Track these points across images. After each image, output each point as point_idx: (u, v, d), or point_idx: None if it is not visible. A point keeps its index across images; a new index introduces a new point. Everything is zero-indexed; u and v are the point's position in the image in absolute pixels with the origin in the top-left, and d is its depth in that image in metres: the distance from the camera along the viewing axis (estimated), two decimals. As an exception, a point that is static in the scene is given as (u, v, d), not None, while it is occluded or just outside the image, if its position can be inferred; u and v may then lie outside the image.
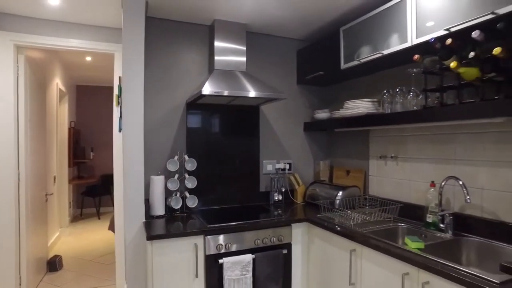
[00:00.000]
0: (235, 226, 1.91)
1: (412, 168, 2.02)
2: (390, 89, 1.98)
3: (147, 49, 2.27)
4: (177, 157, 2.26)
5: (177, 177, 2.24)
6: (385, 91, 2.00)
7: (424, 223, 1.79)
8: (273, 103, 2.67)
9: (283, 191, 2.62)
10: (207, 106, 2.46)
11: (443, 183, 1.69)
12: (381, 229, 1.78)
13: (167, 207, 2.20)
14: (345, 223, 1.88)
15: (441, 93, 1.60)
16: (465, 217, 1.67)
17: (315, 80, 2.62)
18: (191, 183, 2.26)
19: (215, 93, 1.97)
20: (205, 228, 1.85)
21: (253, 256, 1.90)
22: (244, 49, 2.39)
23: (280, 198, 2.60)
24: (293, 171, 2.76)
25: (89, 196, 5.51)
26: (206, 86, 1.98)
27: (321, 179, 2.75)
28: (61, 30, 2.63)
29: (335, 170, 2.74)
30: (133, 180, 1.96)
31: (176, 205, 2.19)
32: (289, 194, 2.69)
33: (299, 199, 2.62)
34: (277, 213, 2.24)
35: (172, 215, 2.17)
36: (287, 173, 2.71)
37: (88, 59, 4.40)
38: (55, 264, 3.29)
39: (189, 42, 2.42)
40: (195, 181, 2.26)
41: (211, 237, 1.84)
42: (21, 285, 2.62)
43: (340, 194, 2.27)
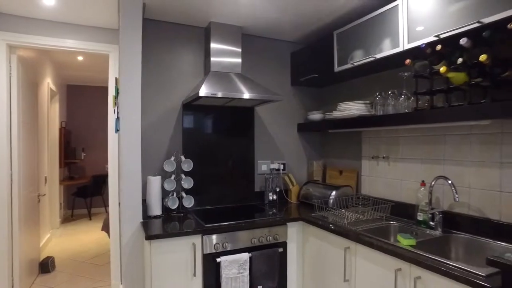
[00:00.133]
0: (232, 225, 1.94)
1: (403, 168, 2.09)
2: (382, 92, 2.05)
3: (143, 50, 2.28)
4: (173, 158, 2.28)
5: (173, 177, 2.26)
6: (378, 94, 2.07)
7: (415, 221, 1.86)
8: (267, 104, 2.71)
9: (277, 191, 2.67)
10: (202, 107, 2.48)
11: (433, 183, 1.76)
12: (374, 227, 1.84)
13: (164, 207, 2.22)
14: (339, 221, 1.94)
15: (431, 96, 1.67)
16: (454, 215, 1.75)
17: (309, 81, 2.67)
18: (187, 183, 2.28)
19: (212, 95, 2.00)
20: (203, 227, 1.88)
21: (250, 254, 1.94)
22: (239, 51, 2.43)
23: (274, 197, 2.65)
24: (287, 171, 2.81)
25: (80, 196, 5.46)
26: (203, 87, 2.01)
27: (315, 179, 2.81)
28: (55, 30, 2.62)
29: (328, 170, 2.80)
30: (130, 180, 1.97)
31: (172, 205, 2.21)
32: (284, 194, 2.74)
33: (293, 198, 2.68)
34: (272, 212, 2.28)
35: (169, 215, 2.18)
36: (281, 173, 2.76)
37: (79, 58, 4.36)
38: (47, 265, 3.25)
39: (185, 44, 2.44)
40: (192, 181, 2.29)
41: (208, 236, 1.87)
42: (13, 287, 2.60)
43: (333, 193, 2.32)
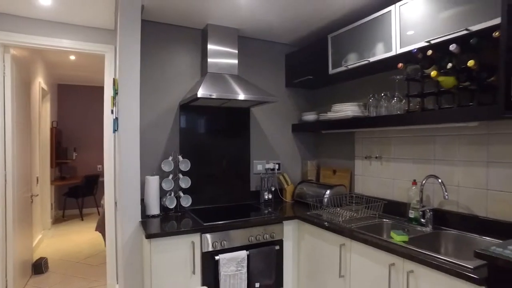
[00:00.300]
0: (230, 224, 1.98)
1: (395, 167, 2.17)
2: (375, 94, 2.12)
3: (141, 52, 2.29)
4: (171, 158, 2.30)
5: (171, 177, 2.29)
6: (371, 96, 2.14)
7: (406, 218, 1.94)
8: (263, 105, 2.76)
9: (272, 190, 2.72)
10: (199, 108, 2.51)
11: (423, 181, 1.84)
12: (367, 224, 1.91)
13: (162, 207, 2.25)
14: (334, 219, 2.00)
15: (422, 98, 1.75)
16: (444, 212, 1.83)
17: (303, 83, 2.73)
18: (185, 183, 2.31)
19: (210, 96, 2.04)
20: (202, 226, 1.91)
21: (248, 252, 1.98)
22: (236, 52, 2.47)
23: (270, 197, 2.70)
24: (282, 171, 2.87)
25: (72, 197, 5.40)
26: (201, 89, 2.05)
27: (309, 178, 2.87)
28: (51, 30, 2.61)
29: (322, 169, 2.86)
30: (129, 180, 1.99)
31: (170, 204, 2.24)
32: (279, 193, 2.79)
33: (288, 197, 2.73)
34: (267, 211, 2.33)
35: (167, 214, 2.21)
36: (276, 173, 2.81)
37: (72, 58, 4.33)
38: (41, 266, 3.23)
39: (182, 45, 2.47)
40: (189, 181, 2.32)
41: (207, 235, 1.91)
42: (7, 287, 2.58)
43: (328, 192, 2.39)
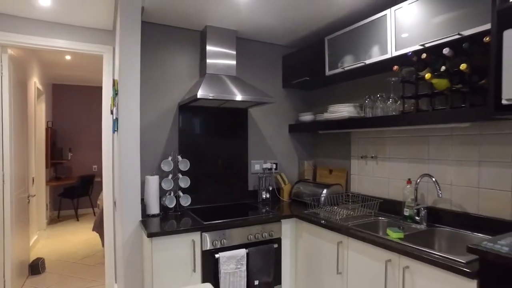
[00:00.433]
0: (230, 222, 2.02)
1: (390, 167, 2.23)
2: (371, 95, 2.18)
3: (140, 52, 2.31)
4: (171, 158, 2.33)
5: (171, 177, 2.31)
6: (367, 97, 2.19)
7: (401, 216, 2.00)
8: (260, 106, 2.80)
9: (270, 189, 2.76)
10: (198, 108, 2.54)
11: (418, 180, 1.90)
12: (364, 222, 1.96)
13: (162, 206, 2.27)
14: (331, 218, 2.05)
15: (416, 100, 1.81)
16: (437, 210, 1.89)
17: (300, 84, 2.78)
18: (184, 182, 2.34)
19: (210, 97, 2.07)
20: (202, 225, 1.94)
21: (247, 250, 2.02)
22: (234, 53, 2.50)
23: (267, 196, 2.74)
24: (279, 170, 2.91)
25: (67, 197, 5.38)
26: (200, 89, 2.08)
27: (306, 178, 2.92)
28: (49, 30, 2.61)
29: (318, 169, 2.91)
30: (130, 180, 2.01)
31: (170, 203, 2.26)
32: (276, 192, 2.84)
33: (285, 197, 2.77)
34: (265, 210, 2.37)
35: (166, 214, 2.24)
36: (273, 172, 2.85)
37: (67, 58, 4.32)
38: (37, 267, 3.22)
39: (181, 46, 2.50)
40: (188, 180, 2.35)
41: (207, 233, 1.94)
42: (5, 288, 2.58)
43: (324, 191, 2.44)
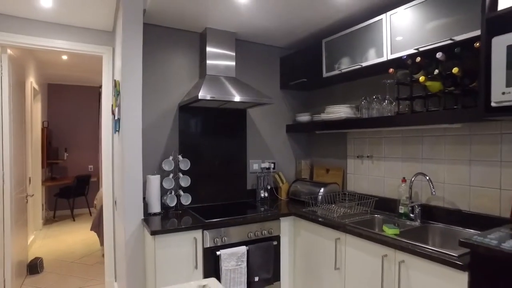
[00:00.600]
0: (230, 220, 2.07)
1: (385, 166, 2.30)
2: (367, 96, 2.25)
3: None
4: (171, 157, 2.37)
5: (171, 176, 2.35)
6: (363, 98, 2.26)
7: (397, 213, 2.07)
8: (259, 107, 2.85)
9: (268, 188, 2.82)
10: (198, 109, 2.59)
11: (412, 179, 1.98)
12: (360, 220, 2.03)
13: (163, 205, 2.31)
14: (328, 215, 2.11)
15: (411, 101, 1.88)
16: (431, 207, 1.97)
17: (297, 85, 2.84)
18: (184, 182, 2.38)
19: (211, 98, 2.12)
20: (203, 223, 1.99)
21: (247, 248, 2.07)
22: (234, 55, 2.55)
23: (266, 195, 2.79)
24: (277, 170, 2.97)
25: (63, 197, 5.37)
26: (201, 90, 2.12)
27: (303, 177, 2.98)
28: (49, 31, 2.63)
29: (315, 168, 2.98)
30: (132, 179, 2.05)
31: (171, 202, 2.30)
32: (274, 191, 2.89)
33: (283, 195, 2.83)
34: (264, 208, 2.42)
35: (167, 212, 2.27)
36: (271, 171, 2.91)
37: (64, 57, 4.32)
38: (36, 266, 3.23)
39: (180, 48, 2.54)
40: (189, 180, 2.39)
41: (208, 231, 1.99)
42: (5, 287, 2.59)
43: (322, 190, 2.50)
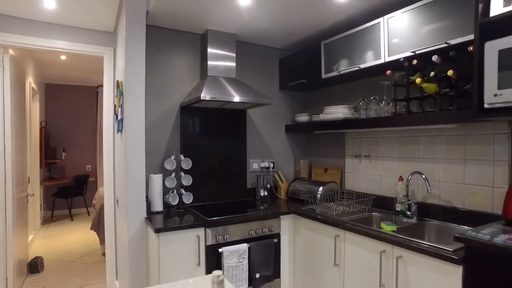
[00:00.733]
0: (232, 218, 2.11)
1: (383, 165, 2.36)
2: (365, 97, 2.31)
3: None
4: (173, 157, 2.41)
5: (173, 175, 2.39)
6: (361, 99, 2.32)
7: (394, 211, 2.13)
8: (258, 107, 2.90)
9: (268, 187, 2.87)
10: (199, 109, 2.63)
11: (409, 178, 2.04)
12: (358, 217, 2.09)
13: (165, 203, 2.35)
14: (327, 213, 2.17)
15: (407, 102, 1.94)
16: (427, 205, 2.03)
17: (296, 86, 2.89)
18: (186, 181, 2.42)
19: (213, 99, 2.17)
20: (206, 221, 2.03)
21: (248, 245, 2.12)
22: (234, 56, 2.60)
23: (265, 194, 2.84)
24: (277, 169, 3.02)
25: (61, 197, 5.37)
26: (204, 91, 2.16)
27: (302, 176, 3.04)
28: (51, 31, 2.65)
29: (314, 168, 3.03)
30: (135, 178, 2.09)
31: (173, 201, 2.34)
32: (274, 190, 2.94)
33: (283, 194, 2.88)
34: (264, 207, 2.47)
35: (170, 211, 2.31)
36: (271, 171, 2.96)
37: (62, 58, 4.33)
38: (36, 265, 3.25)
39: (182, 49, 2.57)
40: (190, 179, 2.43)
41: (211, 229, 2.03)
42: (7, 286, 2.61)
43: (320, 189, 2.56)
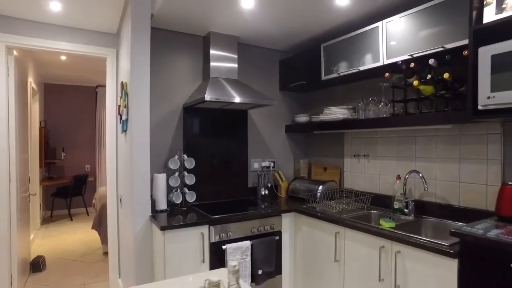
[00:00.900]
0: (235, 216, 2.17)
1: (381, 164, 2.43)
2: (364, 98, 2.38)
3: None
4: (177, 157, 2.46)
5: (177, 174, 2.44)
6: (360, 100, 2.39)
7: (392, 209, 2.20)
8: (259, 108, 2.95)
9: (268, 186, 2.93)
10: (201, 110, 2.68)
11: (406, 176, 2.11)
12: (358, 215, 2.15)
13: (168, 202, 2.40)
14: (328, 211, 2.23)
15: (405, 104, 2.01)
16: (424, 202, 2.10)
17: (296, 87, 2.95)
18: (189, 180, 2.47)
19: (217, 100, 2.22)
20: (210, 219, 2.09)
21: (251, 242, 2.18)
22: (236, 58, 2.65)
23: (266, 192, 2.90)
24: (277, 168, 3.08)
25: (60, 197, 5.38)
26: (207, 92, 2.22)
27: (301, 175, 3.10)
28: (54, 33, 2.69)
29: (313, 167, 3.10)
30: (140, 177, 2.13)
31: (177, 200, 2.39)
32: (274, 189, 3.00)
33: (283, 193, 2.95)
34: (265, 205, 2.53)
35: (173, 209, 2.37)
36: (271, 170, 3.01)
37: (62, 58, 4.35)
38: (39, 264, 3.28)
39: (185, 50, 2.62)
40: (194, 178, 2.48)
41: (214, 226, 2.08)
42: (12, 285, 2.64)
43: (320, 187, 2.62)
